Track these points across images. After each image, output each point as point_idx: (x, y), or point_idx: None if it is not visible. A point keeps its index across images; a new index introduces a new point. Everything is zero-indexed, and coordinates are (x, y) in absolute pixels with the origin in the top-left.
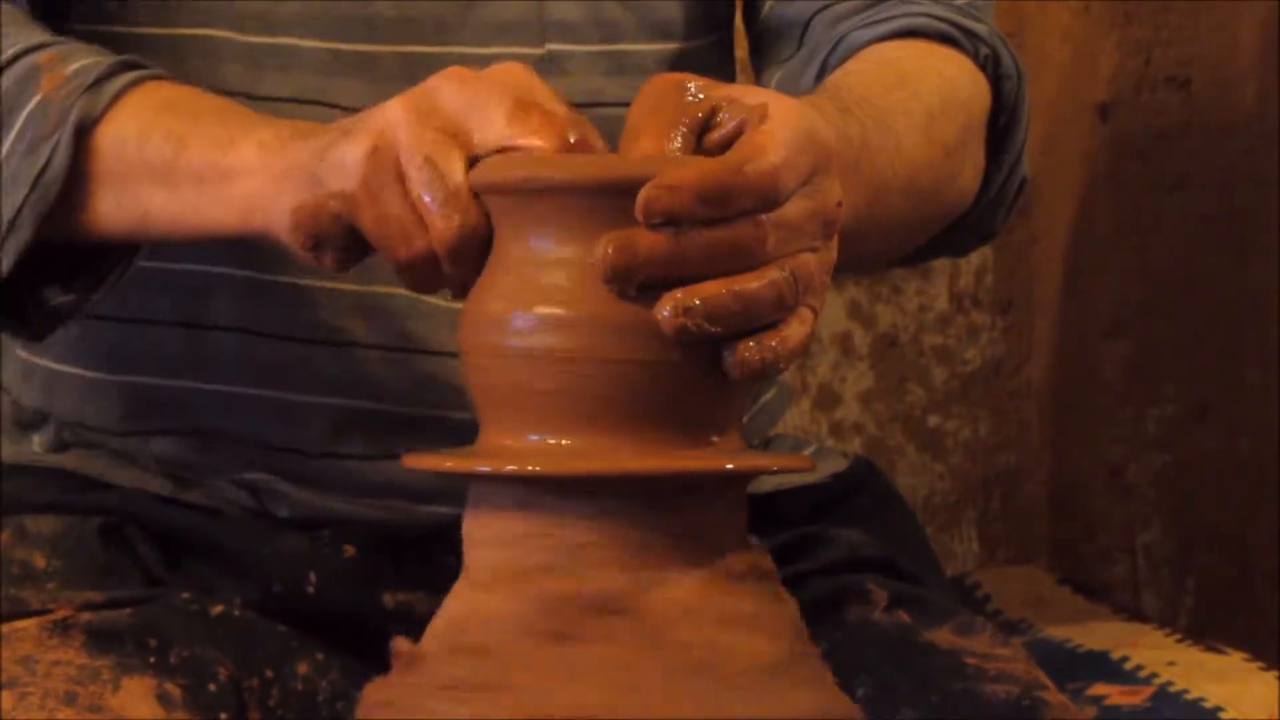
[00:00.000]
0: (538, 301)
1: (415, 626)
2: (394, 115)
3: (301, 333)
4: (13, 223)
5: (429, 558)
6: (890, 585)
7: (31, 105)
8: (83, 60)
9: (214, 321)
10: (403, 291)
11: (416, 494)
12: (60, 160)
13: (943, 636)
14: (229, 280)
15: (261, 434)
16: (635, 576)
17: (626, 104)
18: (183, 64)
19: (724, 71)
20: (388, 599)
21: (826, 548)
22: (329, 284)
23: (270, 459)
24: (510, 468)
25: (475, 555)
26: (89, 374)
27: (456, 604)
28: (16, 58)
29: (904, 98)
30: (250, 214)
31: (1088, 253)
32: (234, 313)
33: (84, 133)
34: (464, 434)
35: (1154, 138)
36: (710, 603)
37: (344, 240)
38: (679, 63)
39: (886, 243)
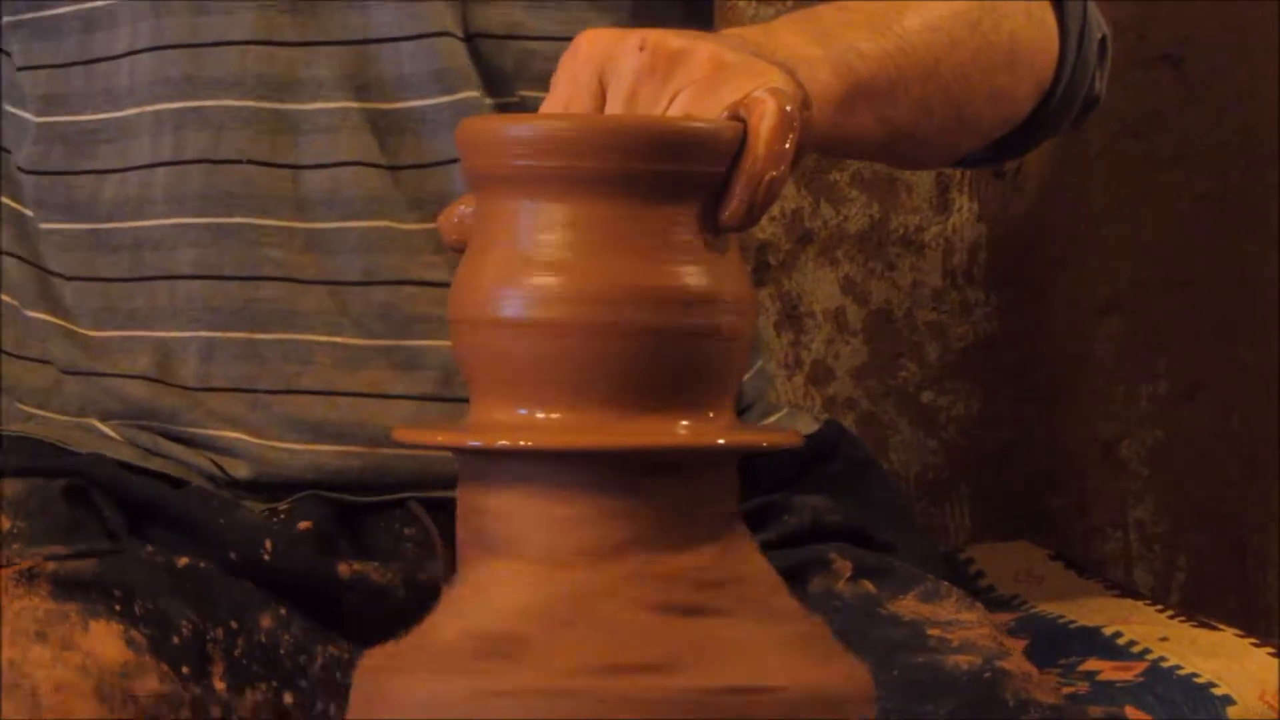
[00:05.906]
0: (529, 272)
1: (369, 596)
2: None
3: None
4: None
5: (385, 529)
6: (854, 554)
7: None
8: None
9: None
10: (357, 224)
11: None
12: None
13: (907, 606)
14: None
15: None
16: (625, 550)
17: (545, 38)
18: None
19: (688, 11)
20: (343, 569)
21: (789, 516)
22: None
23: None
24: (502, 443)
25: (472, 528)
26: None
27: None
28: None
29: None
30: None
31: (1081, 230)
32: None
33: None
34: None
35: (1148, 115)
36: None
37: None
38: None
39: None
